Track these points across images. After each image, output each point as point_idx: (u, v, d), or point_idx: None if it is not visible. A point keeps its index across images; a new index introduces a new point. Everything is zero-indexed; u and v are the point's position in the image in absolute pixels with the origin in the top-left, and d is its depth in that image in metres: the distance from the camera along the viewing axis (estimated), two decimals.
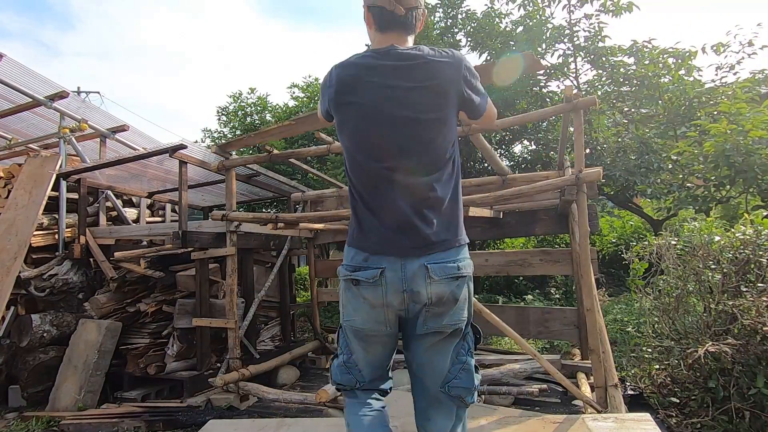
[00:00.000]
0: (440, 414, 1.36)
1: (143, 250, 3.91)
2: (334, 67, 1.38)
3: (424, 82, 1.29)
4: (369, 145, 1.33)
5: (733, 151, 3.90)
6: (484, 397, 3.03)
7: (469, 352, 1.37)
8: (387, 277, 1.28)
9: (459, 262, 1.31)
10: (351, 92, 1.32)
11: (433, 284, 1.27)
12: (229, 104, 10.74)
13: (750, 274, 2.64)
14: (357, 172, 1.37)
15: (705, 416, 2.37)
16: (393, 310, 1.30)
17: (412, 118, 1.29)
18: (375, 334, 1.35)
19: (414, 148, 1.30)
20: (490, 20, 6.43)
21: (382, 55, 1.32)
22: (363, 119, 1.32)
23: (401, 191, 1.30)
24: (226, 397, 3.23)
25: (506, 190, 2.66)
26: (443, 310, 1.29)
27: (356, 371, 1.41)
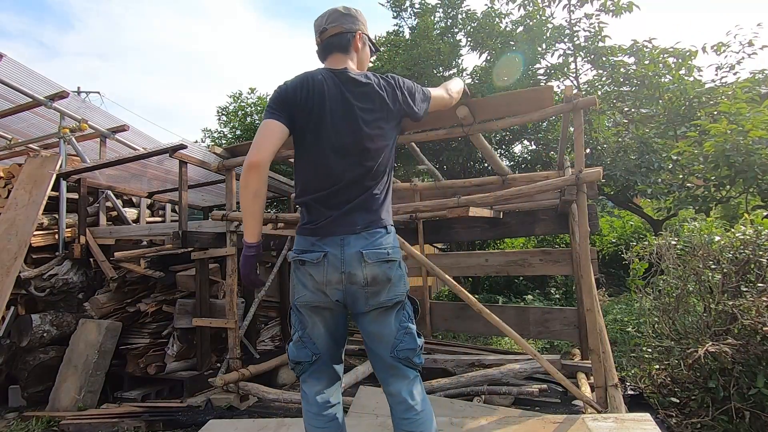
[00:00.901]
0: (396, 378, 1.56)
1: (143, 250, 3.91)
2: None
3: (372, 103, 1.60)
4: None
5: (733, 151, 3.90)
6: (484, 397, 3.03)
7: (410, 319, 1.59)
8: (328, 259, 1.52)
9: (389, 247, 1.55)
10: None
11: (367, 267, 1.50)
12: (229, 104, 10.74)
13: (750, 274, 2.64)
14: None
15: (705, 416, 2.37)
16: (332, 287, 1.52)
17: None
18: (320, 304, 1.57)
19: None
20: (491, 20, 6.43)
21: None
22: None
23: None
24: (226, 397, 3.23)
25: (506, 190, 2.66)
26: (377, 289, 1.51)
27: (311, 344, 1.60)
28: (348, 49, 1.67)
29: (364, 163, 1.57)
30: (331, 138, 1.57)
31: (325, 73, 1.61)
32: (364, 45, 1.73)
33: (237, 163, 3.60)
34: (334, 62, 1.66)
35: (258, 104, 10.56)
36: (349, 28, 1.67)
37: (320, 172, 1.59)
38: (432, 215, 4.06)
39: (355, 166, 1.56)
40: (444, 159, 6.25)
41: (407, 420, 1.53)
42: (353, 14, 1.70)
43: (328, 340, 1.62)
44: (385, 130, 1.62)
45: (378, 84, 1.61)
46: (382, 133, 1.61)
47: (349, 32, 1.67)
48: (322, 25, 1.68)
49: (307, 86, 1.57)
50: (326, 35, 1.66)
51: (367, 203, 1.56)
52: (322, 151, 1.58)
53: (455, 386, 3.12)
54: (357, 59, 1.70)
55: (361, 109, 1.57)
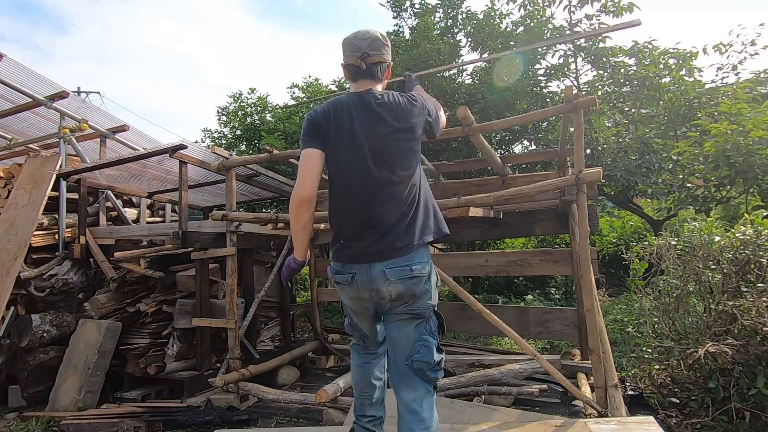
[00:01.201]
0: (409, 388, 1.63)
1: (143, 250, 3.91)
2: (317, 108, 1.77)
3: (401, 123, 1.69)
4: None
5: (733, 151, 3.90)
6: (484, 397, 3.03)
7: (431, 333, 1.67)
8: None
9: (412, 264, 1.62)
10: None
11: (391, 284, 1.61)
12: (229, 104, 10.73)
13: (750, 274, 2.64)
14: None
15: (705, 416, 2.37)
16: (365, 301, 1.71)
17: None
18: (359, 310, 1.79)
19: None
20: (491, 20, 6.43)
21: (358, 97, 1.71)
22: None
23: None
24: (226, 397, 3.23)
25: (506, 190, 2.66)
26: (401, 302, 1.64)
27: (358, 329, 1.90)
28: (381, 78, 1.79)
29: (393, 178, 1.65)
30: (359, 156, 1.65)
31: (352, 98, 1.71)
32: (389, 74, 1.86)
33: (237, 163, 3.60)
34: (363, 86, 1.75)
35: (258, 104, 10.56)
36: (386, 59, 1.79)
37: (349, 187, 1.69)
38: None
39: (385, 182, 1.64)
40: (444, 159, 6.25)
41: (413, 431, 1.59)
42: (389, 44, 1.81)
43: (371, 328, 1.88)
44: (413, 147, 1.71)
45: (404, 102, 1.70)
46: (409, 147, 1.69)
47: (386, 63, 1.79)
48: (363, 49, 1.73)
49: (335, 111, 1.68)
50: (369, 61, 1.73)
51: (398, 228, 1.63)
52: (351, 169, 1.67)
53: (455, 386, 3.12)
54: (382, 86, 1.81)
55: (389, 126, 1.65)
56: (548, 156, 4.06)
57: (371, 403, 1.90)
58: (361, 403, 1.92)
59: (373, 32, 1.78)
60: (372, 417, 1.91)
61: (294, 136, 8.35)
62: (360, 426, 1.90)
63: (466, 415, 2.52)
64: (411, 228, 1.65)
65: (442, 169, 4.18)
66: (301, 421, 3.04)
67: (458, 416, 2.51)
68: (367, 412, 1.91)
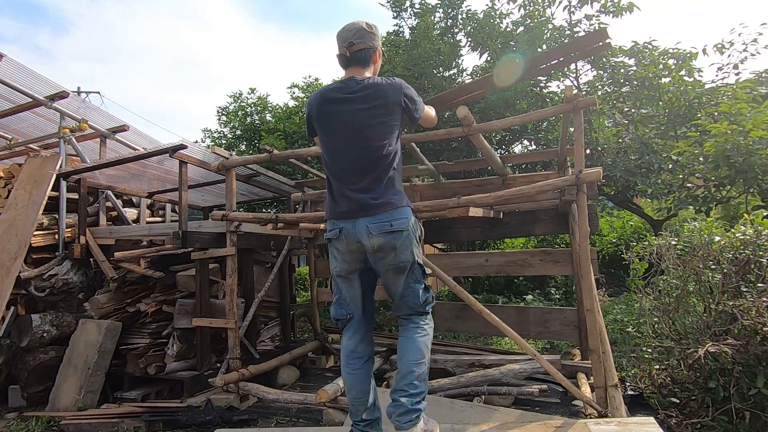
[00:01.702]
0: (404, 313, 2.00)
1: (143, 250, 3.91)
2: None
3: (375, 101, 1.92)
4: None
5: (733, 151, 3.90)
6: (484, 397, 3.03)
7: (416, 281, 1.96)
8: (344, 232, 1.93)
9: (393, 220, 1.88)
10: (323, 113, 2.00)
11: (373, 237, 1.86)
12: (230, 104, 10.73)
13: (750, 274, 2.63)
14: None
15: (705, 416, 2.37)
16: (352, 255, 1.95)
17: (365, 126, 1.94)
18: (347, 273, 1.99)
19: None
20: (491, 20, 6.43)
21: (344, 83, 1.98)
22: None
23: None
24: (226, 397, 3.22)
25: (506, 190, 2.66)
26: (383, 254, 1.89)
27: (345, 305, 2.03)
28: (368, 63, 2.01)
29: (368, 152, 1.90)
30: (340, 134, 1.95)
31: (338, 84, 1.99)
32: (379, 57, 2.08)
33: (237, 163, 3.60)
34: (352, 73, 1.99)
35: (258, 104, 10.56)
36: (372, 45, 2.00)
37: (335, 162, 1.99)
38: (432, 215, 4.06)
39: (361, 155, 1.91)
40: (444, 159, 6.25)
41: (409, 329, 1.96)
42: (375, 32, 2.03)
43: (357, 302, 2.02)
44: (387, 122, 1.93)
45: (382, 84, 1.93)
46: (383, 125, 1.92)
47: (371, 48, 2.01)
48: (349, 39, 1.98)
49: (322, 97, 1.99)
50: (353, 49, 1.97)
51: (373, 188, 1.90)
52: (334, 147, 1.98)
53: (455, 386, 3.12)
54: (373, 71, 2.05)
55: (365, 107, 1.90)
56: (548, 156, 4.06)
57: (366, 408, 1.95)
58: (356, 409, 1.97)
59: (359, 23, 2.01)
60: (368, 420, 1.96)
61: (294, 136, 8.35)
62: (358, 430, 1.95)
63: (466, 415, 2.52)
64: (388, 190, 1.92)
65: (442, 169, 4.18)
66: (301, 421, 3.04)
67: (458, 416, 2.51)
68: (363, 416, 1.95)
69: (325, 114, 1.98)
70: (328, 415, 2.88)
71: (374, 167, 1.91)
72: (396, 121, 1.96)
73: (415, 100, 2.01)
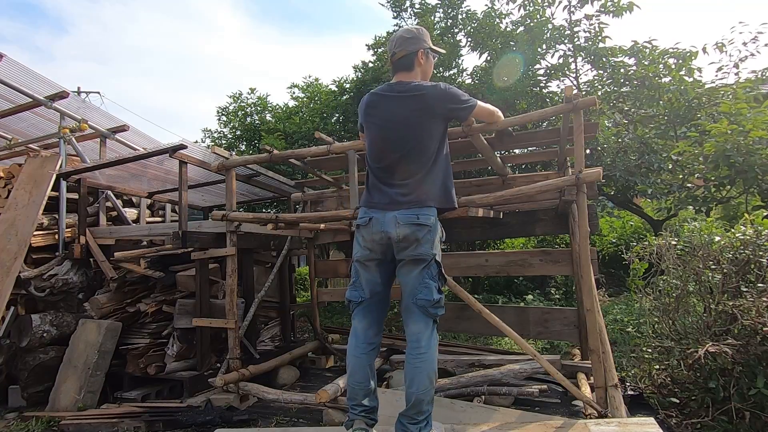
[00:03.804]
0: (413, 320, 2.00)
1: (143, 250, 3.91)
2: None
3: (418, 104, 2.06)
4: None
5: (733, 151, 3.90)
6: (484, 397, 3.03)
7: (432, 277, 1.99)
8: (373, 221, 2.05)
9: (420, 214, 1.99)
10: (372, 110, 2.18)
11: (399, 227, 1.97)
12: (230, 104, 10.72)
13: (750, 274, 2.64)
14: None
15: (705, 417, 2.37)
16: (375, 243, 2.05)
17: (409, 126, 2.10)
18: (368, 259, 2.09)
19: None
20: (491, 20, 6.43)
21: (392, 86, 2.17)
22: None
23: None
24: (226, 397, 3.23)
25: (506, 190, 2.66)
26: (407, 245, 1.98)
27: (360, 289, 2.10)
28: (412, 66, 2.15)
29: (404, 151, 2.04)
30: (380, 131, 2.11)
31: (383, 87, 2.17)
32: (426, 58, 2.19)
33: (237, 163, 3.60)
34: (400, 77, 2.16)
35: (258, 104, 10.55)
36: (412, 50, 2.13)
37: (373, 157, 2.14)
38: None
39: (397, 153, 2.05)
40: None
41: (412, 355, 1.96)
42: (415, 35, 2.16)
43: (372, 288, 2.10)
44: (427, 124, 2.05)
45: (426, 87, 2.07)
46: (424, 127, 2.05)
47: (411, 53, 2.13)
48: (392, 49, 2.17)
49: (370, 99, 2.17)
50: (395, 58, 2.16)
51: (406, 186, 2.03)
52: (373, 143, 2.14)
53: (455, 386, 3.12)
54: (421, 72, 2.18)
55: (407, 108, 2.05)
56: (548, 156, 4.06)
57: (365, 393, 2.02)
58: (355, 393, 2.04)
59: (400, 31, 2.21)
60: (366, 407, 2.02)
61: (294, 136, 8.35)
62: (354, 414, 2.02)
63: (467, 415, 2.52)
64: (421, 189, 2.02)
65: None
66: (301, 421, 3.04)
67: (458, 416, 2.51)
68: (362, 401, 2.02)
69: (370, 112, 2.15)
70: (328, 415, 2.88)
71: (409, 166, 2.04)
72: (437, 124, 2.08)
73: (460, 100, 2.12)
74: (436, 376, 1.97)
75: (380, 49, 7.73)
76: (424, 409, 1.93)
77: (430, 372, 1.93)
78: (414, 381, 1.93)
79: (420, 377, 1.92)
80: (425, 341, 1.96)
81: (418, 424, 1.91)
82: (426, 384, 1.91)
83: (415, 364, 1.94)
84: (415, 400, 1.91)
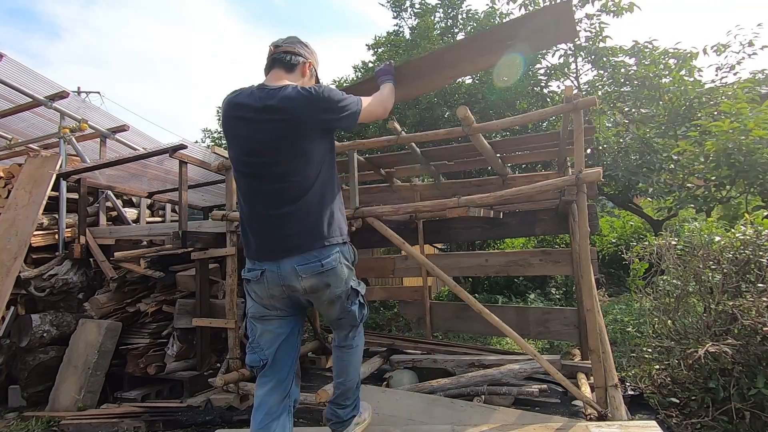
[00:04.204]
0: (340, 328, 2.00)
1: (143, 250, 3.91)
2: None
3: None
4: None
5: (735, 150, 3.89)
6: (484, 397, 3.03)
7: (353, 303, 1.87)
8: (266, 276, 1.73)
9: (323, 259, 1.71)
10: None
11: (303, 280, 1.70)
12: None
13: (750, 274, 2.63)
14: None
15: (705, 417, 2.37)
16: (275, 300, 1.75)
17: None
18: (266, 315, 1.80)
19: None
20: (491, 20, 6.43)
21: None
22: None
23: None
24: (226, 397, 3.22)
25: (506, 190, 2.66)
26: (316, 294, 1.75)
27: (259, 350, 1.80)
28: (292, 70, 1.82)
29: (280, 184, 1.71)
30: (247, 155, 1.75)
31: (245, 94, 1.76)
32: (311, 75, 1.91)
33: None
34: (272, 79, 1.80)
35: None
36: (305, 57, 1.86)
37: (244, 190, 1.80)
38: (432, 215, 4.07)
39: (272, 188, 1.72)
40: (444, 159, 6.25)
41: (340, 350, 2.02)
42: (311, 48, 1.91)
43: (276, 345, 1.79)
44: (304, 143, 1.70)
45: (297, 95, 1.68)
46: (299, 148, 1.70)
47: (303, 59, 1.85)
48: (279, 44, 1.85)
49: (228, 105, 1.78)
50: (281, 50, 1.83)
51: (294, 226, 1.69)
52: (240, 168, 1.79)
53: (455, 386, 3.12)
54: (301, 83, 1.80)
55: (274, 120, 1.68)
56: (548, 156, 4.06)
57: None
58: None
59: (298, 38, 1.90)
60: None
61: None
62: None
63: (467, 415, 2.52)
64: (310, 227, 1.70)
65: (442, 169, 4.18)
66: (301, 421, 3.04)
67: (458, 416, 2.51)
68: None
69: (231, 122, 1.83)
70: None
71: (292, 203, 1.71)
72: (315, 139, 1.74)
73: (339, 107, 1.74)
74: (361, 366, 2.11)
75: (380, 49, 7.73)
76: (351, 395, 2.05)
77: (356, 364, 2.06)
78: (342, 372, 2.03)
79: (349, 369, 2.03)
80: (353, 337, 2.03)
81: (346, 408, 2.04)
82: (354, 375, 2.04)
83: (344, 358, 2.03)
84: (343, 389, 2.03)
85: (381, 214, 2.84)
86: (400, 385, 3.31)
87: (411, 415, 2.58)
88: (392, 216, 3.03)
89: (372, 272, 4.79)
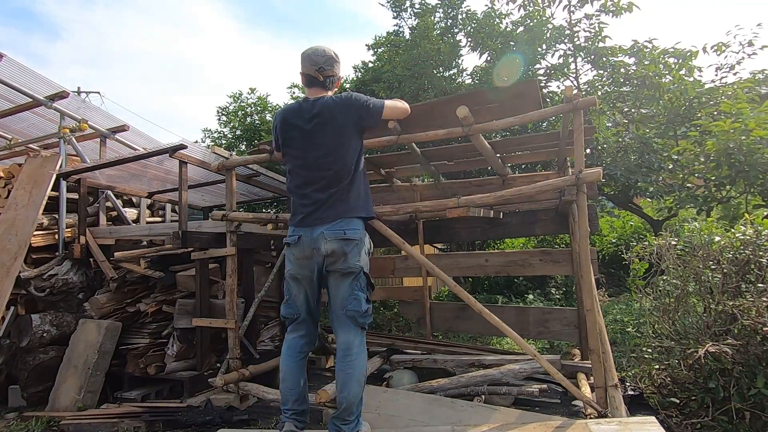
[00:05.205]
0: (344, 331, 2.15)
1: (143, 250, 3.91)
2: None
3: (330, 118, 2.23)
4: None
5: (735, 149, 3.89)
6: (484, 397, 3.03)
7: (361, 289, 2.16)
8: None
9: (346, 229, 2.15)
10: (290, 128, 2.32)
11: (327, 243, 2.12)
12: (229, 104, 10.72)
13: (750, 274, 2.64)
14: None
15: (705, 417, 2.37)
16: (307, 260, 2.18)
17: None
18: (299, 275, 2.24)
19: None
20: (491, 20, 6.43)
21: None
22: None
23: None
24: (226, 397, 3.23)
25: (506, 190, 2.66)
26: (334, 259, 2.13)
27: (294, 307, 2.28)
28: (330, 88, 2.32)
29: (325, 165, 2.20)
30: (301, 152, 2.27)
31: (296, 107, 2.31)
32: (338, 84, 2.39)
33: (237, 163, 3.60)
34: (313, 93, 2.28)
35: (258, 104, 10.55)
36: (337, 74, 2.33)
37: (296, 179, 2.29)
38: (432, 215, 4.07)
39: (318, 168, 2.22)
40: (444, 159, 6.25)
41: (343, 362, 2.11)
42: (340, 61, 2.33)
43: (305, 303, 2.27)
44: (343, 139, 2.21)
45: (337, 102, 2.21)
46: (343, 142, 2.21)
47: (336, 77, 2.33)
48: (320, 64, 2.25)
49: (284, 115, 2.35)
50: (325, 74, 2.27)
51: (331, 202, 2.17)
52: (293, 161, 2.31)
53: (455, 386, 3.12)
54: (332, 93, 2.32)
55: (320, 125, 2.20)
56: (548, 156, 4.06)
57: (295, 398, 2.21)
58: (286, 398, 2.24)
59: (330, 51, 2.30)
60: (296, 410, 2.23)
61: None
62: (285, 417, 2.21)
63: (467, 415, 2.52)
64: (342, 203, 2.17)
65: (442, 169, 4.18)
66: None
67: (459, 416, 2.51)
68: (292, 405, 2.21)
69: (289, 132, 2.29)
70: (328, 415, 2.88)
71: (330, 181, 2.19)
72: (353, 139, 2.24)
73: (367, 104, 2.25)
74: (365, 379, 2.16)
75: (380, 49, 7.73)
76: (354, 410, 2.10)
77: (359, 377, 2.10)
78: (345, 386, 2.09)
79: (351, 383, 2.08)
80: (355, 349, 2.11)
81: (349, 424, 2.10)
82: (356, 389, 2.09)
83: (346, 371, 2.10)
84: (346, 404, 2.08)
85: (381, 214, 2.84)
86: (400, 385, 3.31)
87: (412, 415, 2.58)
88: (392, 216, 3.03)
89: (372, 272, 4.72)
